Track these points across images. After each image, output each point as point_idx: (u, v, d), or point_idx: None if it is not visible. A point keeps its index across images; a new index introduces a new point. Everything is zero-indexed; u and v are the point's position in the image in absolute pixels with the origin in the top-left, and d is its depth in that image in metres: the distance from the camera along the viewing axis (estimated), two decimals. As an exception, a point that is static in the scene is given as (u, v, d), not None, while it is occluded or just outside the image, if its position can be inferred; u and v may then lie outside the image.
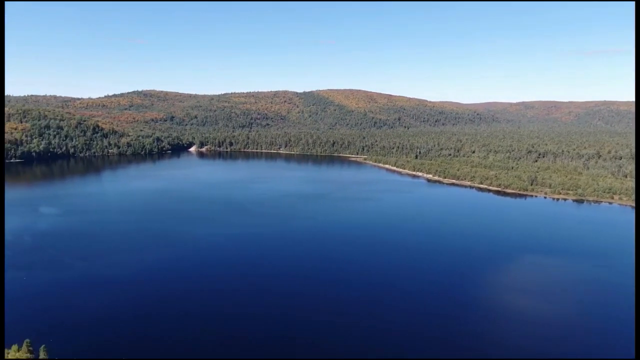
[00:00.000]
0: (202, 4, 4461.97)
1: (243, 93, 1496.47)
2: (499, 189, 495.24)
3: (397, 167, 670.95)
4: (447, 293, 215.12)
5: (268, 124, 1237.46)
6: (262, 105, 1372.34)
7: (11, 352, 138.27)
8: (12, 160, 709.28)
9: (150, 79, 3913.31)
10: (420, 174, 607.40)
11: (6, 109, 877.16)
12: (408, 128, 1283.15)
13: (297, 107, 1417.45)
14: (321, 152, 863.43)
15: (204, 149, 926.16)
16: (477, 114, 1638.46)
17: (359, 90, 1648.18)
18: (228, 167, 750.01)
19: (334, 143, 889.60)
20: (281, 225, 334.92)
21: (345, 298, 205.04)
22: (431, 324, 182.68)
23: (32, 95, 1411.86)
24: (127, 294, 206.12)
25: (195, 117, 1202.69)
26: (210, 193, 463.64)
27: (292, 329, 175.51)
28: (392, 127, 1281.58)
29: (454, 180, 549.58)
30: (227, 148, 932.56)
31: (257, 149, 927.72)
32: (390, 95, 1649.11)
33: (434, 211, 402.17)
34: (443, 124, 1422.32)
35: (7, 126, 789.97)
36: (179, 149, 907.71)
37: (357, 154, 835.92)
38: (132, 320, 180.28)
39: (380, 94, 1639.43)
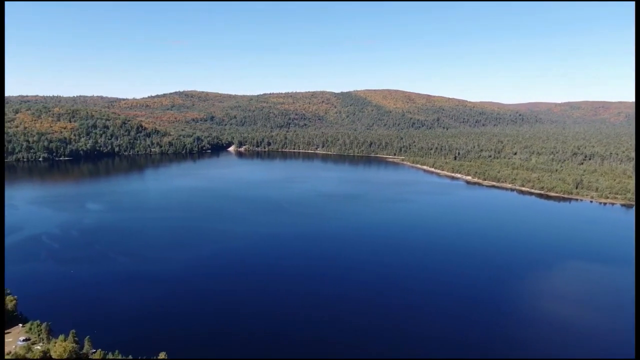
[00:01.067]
0: (242, 5, 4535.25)
1: (281, 93, 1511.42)
2: (542, 192, 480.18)
3: (435, 168, 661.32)
4: (489, 301, 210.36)
5: (305, 124, 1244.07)
6: (299, 106, 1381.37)
7: (58, 342, 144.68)
8: (61, 158, 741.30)
9: (191, 80, 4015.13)
10: (459, 175, 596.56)
11: (56, 109, 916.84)
12: (447, 129, 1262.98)
13: (335, 107, 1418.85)
14: (358, 153, 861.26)
15: (242, 149, 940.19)
16: (519, 115, 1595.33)
17: (397, 90, 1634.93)
18: (266, 166, 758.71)
19: (371, 143, 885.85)
20: (317, 225, 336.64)
21: (383, 303, 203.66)
22: (471, 330, 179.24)
23: (80, 96, 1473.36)
24: (167, 290, 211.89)
25: (235, 117, 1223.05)
26: (248, 192, 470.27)
27: (326, 329, 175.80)
28: (430, 128, 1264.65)
29: (494, 183, 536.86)
30: (264, 148, 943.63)
31: (294, 149, 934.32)
32: (429, 95, 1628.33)
33: (474, 214, 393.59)
34: (483, 125, 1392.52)
35: (57, 125, 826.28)
36: (218, 148, 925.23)
37: (395, 154, 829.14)
38: (171, 316, 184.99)
39: (419, 94, 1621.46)
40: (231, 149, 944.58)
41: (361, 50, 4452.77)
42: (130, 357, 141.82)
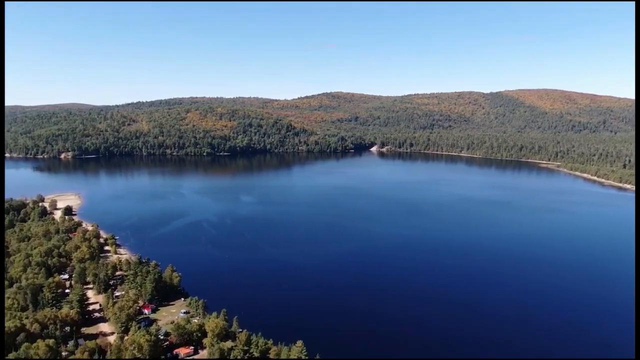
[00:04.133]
0: (391, 6, 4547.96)
1: (426, 94, 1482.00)
2: None
3: (598, 176, 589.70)
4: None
5: (450, 126, 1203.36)
6: (444, 107, 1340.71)
7: (212, 318, 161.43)
8: (221, 154, 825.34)
9: (338, 81, 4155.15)
10: (628, 186, 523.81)
11: (219, 109, 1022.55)
12: (615, 132, 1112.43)
13: (483, 108, 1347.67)
14: (506, 157, 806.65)
15: (384, 149, 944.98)
16: None
17: (555, 90, 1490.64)
18: (407, 167, 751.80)
19: (521, 147, 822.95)
20: (456, 231, 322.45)
21: (527, 328, 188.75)
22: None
23: (239, 97, 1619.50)
24: (306, 282, 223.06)
25: (378, 117, 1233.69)
26: (388, 192, 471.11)
27: (453, 342, 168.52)
28: (594, 131, 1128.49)
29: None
30: (407, 149, 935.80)
31: (437, 151, 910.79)
32: (594, 95, 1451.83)
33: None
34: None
35: (219, 124, 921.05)
36: (361, 148, 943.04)
37: (549, 160, 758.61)
38: (309, 307, 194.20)
39: (582, 93, 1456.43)
40: (373, 149, 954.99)
41: (515, 46, 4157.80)
42: (270, 340, 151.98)
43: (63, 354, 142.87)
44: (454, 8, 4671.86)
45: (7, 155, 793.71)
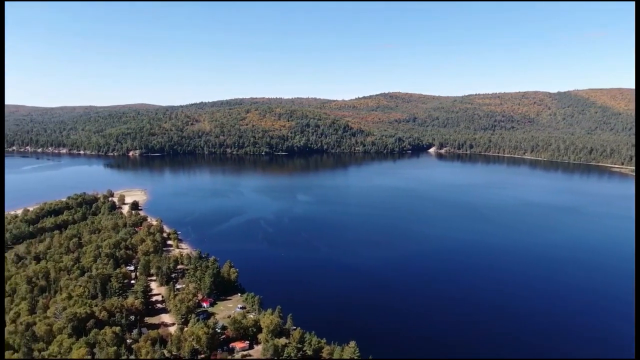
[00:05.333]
0: (452, 5, 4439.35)
1: (487, 94, 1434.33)
2: None
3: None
4: None
5: (513, 127, 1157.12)
6: (507, 107, 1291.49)
7: (267, 314, 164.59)
8: (279, 153, 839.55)
9: (396, 82, 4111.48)
10: None
11: (278, 109, 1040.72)
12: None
13: (549, 108, 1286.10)
14: (574, 160, 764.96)
15: (442, 151, 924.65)
16: None
17: (630, 89, 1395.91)
18: (466, 169, 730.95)
19: (591, 150, 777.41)
20: (518, 236, 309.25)
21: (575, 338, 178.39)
22: None
23: (297, 98, 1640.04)
24: (361, 283, 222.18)
25: (437, 118, 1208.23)
26: (445, 194, 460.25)
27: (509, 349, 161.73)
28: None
29: None
30: (466, 150, 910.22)
31: (498, 153, 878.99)
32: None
33: None
34: None
35: (278, 124, 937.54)
36: (418, 149, 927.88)
37: (622, 164, 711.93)
38: (362, 308, 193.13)
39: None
40: (431, 150, 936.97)
41: (584, 43, 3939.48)
42: (324, 340, 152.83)
43: (128, 341, 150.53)
44: (518, 5, 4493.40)
45: (80, 152, 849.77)
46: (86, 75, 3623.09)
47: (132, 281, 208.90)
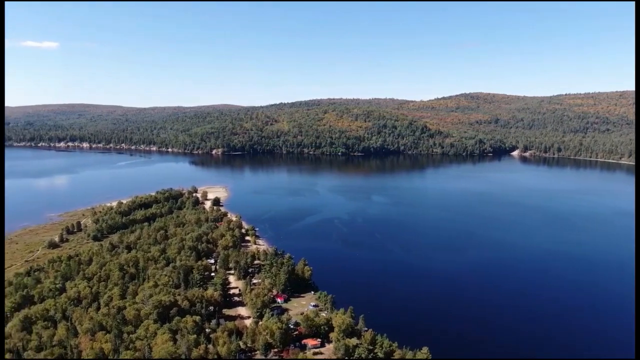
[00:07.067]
0: (537, 4, 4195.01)
1: (579, 94, 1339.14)
2: None
3: None
4: None
5: (608, 129, 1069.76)
6: (602, 108, 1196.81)
7: (339, 314, 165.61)
8: (355, 154, 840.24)
9: (478, 81, 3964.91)
10: None
11: (355, 110, 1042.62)
12: None
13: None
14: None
15: (527, 154, 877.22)
16: None
17: None
18: (553, 174, 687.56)
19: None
20: (612, 251, 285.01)
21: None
22: None
23: (375, 99, 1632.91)
24: (434, 287, 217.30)
25: (522, 119, 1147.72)
26: (530, 201, 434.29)
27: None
28: None
29: None
30: (553, 154, 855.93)
31: (590, 157, 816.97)
32: None
33: None
34: None
35: (355, 125, 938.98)
36: (500, 152, 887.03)
37: None
38: (436, 313, 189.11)
39: None
40: (514, 153, 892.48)
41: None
42: (395, 343, 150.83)
43: (206, 330, 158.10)
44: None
45: (168, 150, 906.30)
46: (175, 77, 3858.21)
47: (212, 274, 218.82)
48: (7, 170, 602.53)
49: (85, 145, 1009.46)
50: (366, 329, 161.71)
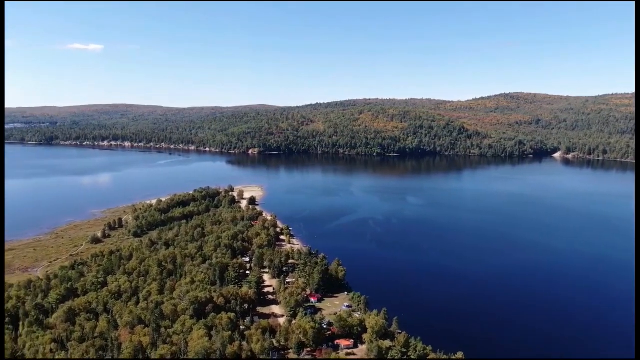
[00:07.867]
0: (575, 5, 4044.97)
1: (627, 94, 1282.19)
2: None
3: None
4: None
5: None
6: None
7: (372, 315, 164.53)
8: (390, 154, 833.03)
9: (518, 81, 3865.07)
10: None
11: (391, 110, 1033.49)
12: None
13: None
14: None
15: (570, 156, 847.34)
16: None
17: None
18: (598, 177, 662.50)
19: None
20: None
21: None
22: None
23: (411, 99, 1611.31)
24: (470, 291, 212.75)
25: (564, 120, 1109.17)
26: (573, 204, 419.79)
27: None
28: None
29: None
30: (598, 156, 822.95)
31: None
32: None
33: None
34: None
35: (390, 125, 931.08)
36: (541, 153, 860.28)
37: None
38: (471, 316, 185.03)
39: None
40: (556, 155, 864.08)
41: None
42: (429, 347, 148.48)
43: (241, 327, 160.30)
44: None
45: (206, 149, 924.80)
46: (214, 78, 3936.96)
47: (247, 272, 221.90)
48: (55, 168, 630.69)
49: (127, 144, 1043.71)
50: (400, 331, 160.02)
